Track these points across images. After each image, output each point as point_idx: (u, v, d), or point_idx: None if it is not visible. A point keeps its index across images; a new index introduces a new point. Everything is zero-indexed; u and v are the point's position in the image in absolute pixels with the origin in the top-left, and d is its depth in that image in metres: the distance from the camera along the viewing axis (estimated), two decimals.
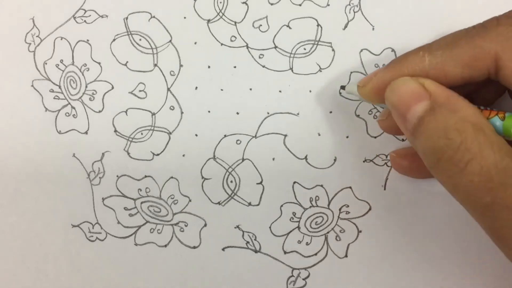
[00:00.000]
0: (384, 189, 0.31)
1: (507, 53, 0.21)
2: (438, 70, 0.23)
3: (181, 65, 0.32)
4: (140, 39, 0.33)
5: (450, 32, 0.24)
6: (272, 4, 0.32)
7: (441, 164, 0.21)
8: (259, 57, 0.32)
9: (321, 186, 0.31)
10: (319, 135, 0.31)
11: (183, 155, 0.32)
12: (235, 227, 0.31)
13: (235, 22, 0.32)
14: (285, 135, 0.31)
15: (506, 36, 0.21)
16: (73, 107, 0.33)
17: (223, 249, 0.31)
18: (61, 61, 0.33)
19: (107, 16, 0.33)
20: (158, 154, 0.32)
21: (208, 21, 0.32)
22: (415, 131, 0.22)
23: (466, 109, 0.21)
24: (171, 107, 0.32)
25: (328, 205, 0.31)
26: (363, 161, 0.31)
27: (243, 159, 0.31)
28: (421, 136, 0.22)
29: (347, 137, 0.31)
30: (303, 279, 0.31)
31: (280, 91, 0.32)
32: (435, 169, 0.22)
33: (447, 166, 0.21)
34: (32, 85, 0.33)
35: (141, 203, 0.32)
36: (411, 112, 0.22)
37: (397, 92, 0.23)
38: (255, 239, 0.31)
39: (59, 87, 0.33)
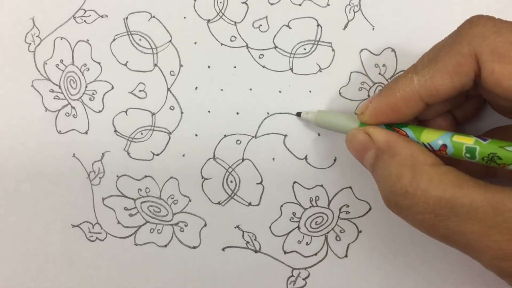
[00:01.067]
0: None
1: (484, 53, 0.22)
2: (428, 88, 0.23)
3: (181, 65, 0.32)
4: (140, 39, 0.33)
5: (450, 32, 0.24)
6: (272, 4, 0.32)
7: (392, 208, 0.23)
8: (259, 57, 0.32)
9: (321, 186, 0.31)
10: (319, 135, 0.31)
11: (183, 155, 0.32)
12: (235, 227, 0.31)
13: (235, 22, 0.32)
14: (285, 135, 0.31)
15: (481, 37, 0.22)
16: (73, 107, 0.33)
17: (223, 249, 0.31)
18: (61, 61, 0.33)
19: (107, 16, 0.33)
20: (158, 154, 0.32)
21: (208, 21, 0.32)
22: (373, 175, 0.25)
23: (403, 152, 0.23)
24: (171, 107, 0.32)
25: (328, 205, 0.31)
26: None
27: (243, 159, 0.31)
28: (376, 181, 0.24)
29: None
30: (303, 279, 0.31)
31: (280, 91, 0.32)
32: (392, 210, 0.23)
33: (397, 210, 0.23)
34: (32, 85, 0.33)
35: (141, 203, 0.32)
36: (365, 161, 0.25)
37: (351, 145, 0.26)
38: (255, 239, 0.31)
39: (59, 87, 0.33)
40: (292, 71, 0.32)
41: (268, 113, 0.31)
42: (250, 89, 0.32)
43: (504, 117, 0.27)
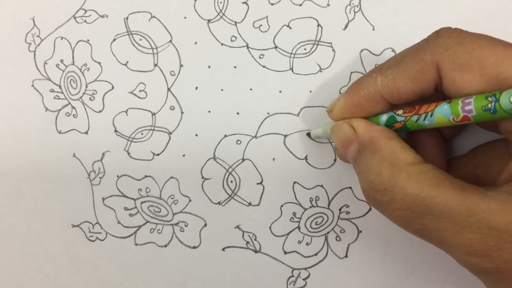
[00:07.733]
0: None
1: (446, 63, 0.22)
2: (390, 88, 0.24)
3: (181, 65, 0.32)
4: (140, 39, 0.33)
5: None
6: (272, 4, 0.32)
7: (371, 203, 0.24)
8: (260, 57, 0.32)
9: (321, 186, 0.31)
10: None
11: (183, 155, 0.32)
12: (235, 227, 0.31)
13: (236, 22, 0.32)
14: (285, 135, 0.31)
15: (444, 47, 0.23)
16: (73, 107, 0.33)
17: (223, 249, 0.31)
18: (62, 61, 0.33)
19: (107, 16, 0.33)
20: (158, 154, 0.32)
21: (209, 21, 0.32)
22: (354, 168, 0.25)
23: (384, 149, 0.23)
24: (171, 107, 0.32)
25: (328, 205, 0.31)
26: None
27: (243, 159, 0.31)
28: (357, 174, 0.25)
29: None
30: (303, 279, 0.31)
31: (280, 91, 0.32)
32: (371, 204, 0.24)
33: (375, 204, 0.24)
34: (33, 85, 0.33)
35: (141, 203, 0.32)
36: (348, 153, 0.26)
37: (336, 137, 0.27)
38: (255, 239, 0.31)
39: (60, 87, 0.33)
40: (292, 71, 0.32)
41: (268, 113, 0.31)
42: (251, 89, 0.32)
43: (487, 132, 0.28)
